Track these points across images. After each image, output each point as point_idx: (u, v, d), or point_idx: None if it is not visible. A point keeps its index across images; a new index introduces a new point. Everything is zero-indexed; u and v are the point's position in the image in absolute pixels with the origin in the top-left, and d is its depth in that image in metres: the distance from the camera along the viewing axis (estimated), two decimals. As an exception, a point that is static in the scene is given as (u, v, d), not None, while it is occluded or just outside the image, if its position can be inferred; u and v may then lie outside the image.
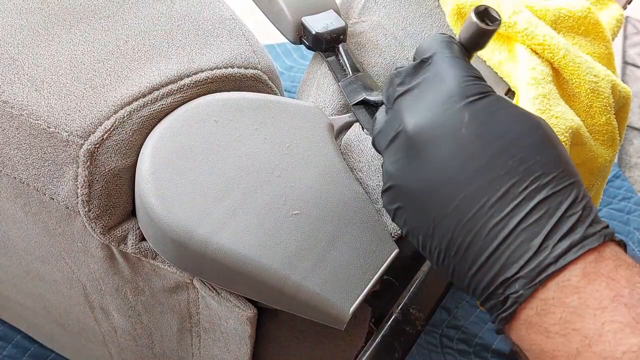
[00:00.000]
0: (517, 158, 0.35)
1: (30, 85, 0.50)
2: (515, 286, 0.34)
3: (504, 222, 0.34)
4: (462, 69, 0.38)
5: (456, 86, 0.37)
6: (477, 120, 0.36)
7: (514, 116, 0.37)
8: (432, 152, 0.36)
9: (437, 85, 0.38)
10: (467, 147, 0.36)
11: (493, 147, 0.35)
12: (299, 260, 0.45)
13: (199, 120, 0.49)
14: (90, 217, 0.49)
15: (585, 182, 0.62)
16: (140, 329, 0.62)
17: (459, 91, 0.37)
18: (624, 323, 0.31)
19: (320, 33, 0.59)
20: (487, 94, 0.37)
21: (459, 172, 0.35)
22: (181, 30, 0.55)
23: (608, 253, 0.34)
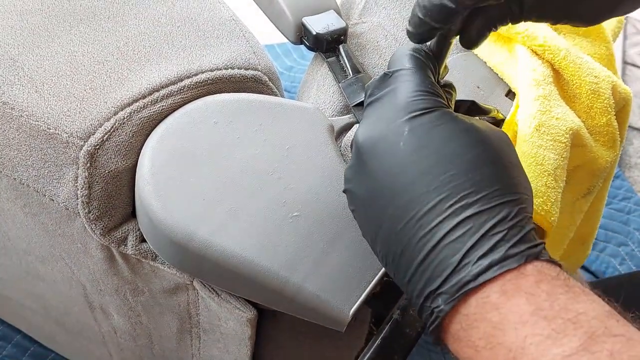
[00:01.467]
0: (449, 174, 0.36)
1: (30, 87, 0.49)
2: (438, 300, 0.35)
3: (429, 236, 0.35)
4: (415, 84, 0.39)
5: (403, 101, 0.39)
6: (415, 135, 0.37)
7: (455, 132, 0.37)
8: (374, 163, 0.38)
9: (390, 99, 0.39)
10: (403, 160, 0.37)
11: (426, 162, 0.37)
12: (299, 262, 0.45)
13: (199, 122, 0.49)
14: (90, 218, 0.49)
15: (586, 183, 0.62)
16: (140, 330, 0.62)
17: (404, 106, 0.38)
18: (544, 335, 0.32)
19: (320, 34, 0.59)
20: (432, 109, 0.38)
21: (394, 183, 0.37)
22: (181, 31, 0.55)
23: (530, 270, 0.35)
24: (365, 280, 0.46)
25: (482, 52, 0.62)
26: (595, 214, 0.72)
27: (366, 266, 0.47)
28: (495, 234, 0.35)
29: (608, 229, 1.14)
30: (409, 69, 0.40)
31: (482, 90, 0.60)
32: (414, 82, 0.39)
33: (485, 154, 0.37)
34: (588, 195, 0.63)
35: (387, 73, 0.41)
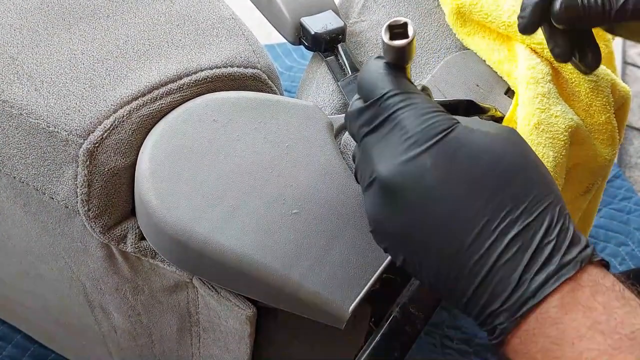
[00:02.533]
0: (485, 197, 0.36)
1: (29, 85, 0.50)
2: (500, 318, 0.36)
3: (483, 261, 0.35)
4: (417, 108, 0.38)
5: (415, 130, 0.37)
6: (440, 165, 0.36)
7: (476, 150, 0.37)
8: (402, 200, 0.37)
9: (397, 131, 0.38)
10: (435, 192, 0.36)
11: (459, 189, 0.36)
12: (299, 259, 0.45)
13: (198, 120, 0.49)
14: (89, 216, 0.49)
15: (585, 181, 0.62)
16: (140, 329, 0.62)
17: (419, 135, 0.37)
18: (601, 350, 0.33)
19: (319, 33, 0.59)
20: (447, 130, 0.37)
21: (432, 217, 0.36)
22: (181, 29, 0.55)
23: (585, 280, 0.35)
24: (365, 278, 0.46)
25: (481, 50, 0.62)
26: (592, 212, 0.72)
27: (366, 263, 0.47)
28: (547, 245, 0.35)
29: (608, 229, 1.13)
30: (400, 93, 0.39)
31: (481, 88, 0.60)
32: (414, 108, 0.38)
33: (512, 163, 0.37)
34: (587, 194, 0.63)
35: (374, 100, 0.39)
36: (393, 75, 0.39)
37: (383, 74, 0.39)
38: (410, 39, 0.38)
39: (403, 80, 0.39)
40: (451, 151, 0.36)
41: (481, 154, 0.36)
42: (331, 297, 0.45)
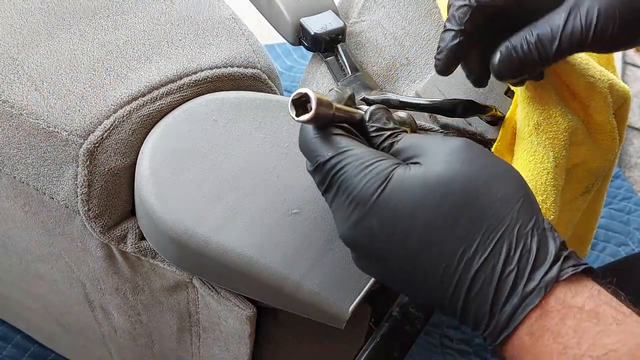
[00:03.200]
0: (437, 244, 0.36)
1: (29, 85, 0.50)
2: (488, 340, 0.37)
3: (455, 297, 0.37)
4: (351, 168, 0.38)
5: (354, 192, 0.38)
6: (385, 224, 0.37)
7: (417, 199, 0.37)
8: (365, 256, 0.39)
9: (341, 194, 0.38)
10: (387, 252, 0.38)
11: (410, 244, 0.37)
12: (298, 259, 0.45)
13: (198, 120, 0.49)
14: (89, 216, 0.49)
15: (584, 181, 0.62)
16: (140, 329, 0.62)
17: (358, 198, 0.37)
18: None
19: (319, 34, 0.59)
20: (383, 185, 0.37)
21: (394, 272, 0.38)
22: (181, 29, 0.55)
23: (552, 304, 0.35)
24: (365, 278, 0.46)
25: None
26: (594, 214, 0.72)
27: (365, 263, 0.47)
28: (509, 274, 0.35)
29: (608, 229, 1.13)
30: (333, 157, 0.39)
31: (482, 88, 0.60)
32: (348, 169, 0.38)
33: (454, 203, 0.36)
34: (586, 194, 0.63)
35: (314, 168, 0.40)
36: (322, 138, 0.39)
37: (313, 139, 0.40)
38: (314, 112, 0.38)
39: (334, 139, 0.39)
40: (392, 205, 0.37)
41: (421, 201, 0.37)
42: (331, 297, 0.45)
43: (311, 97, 0.38)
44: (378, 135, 0.41)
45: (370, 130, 0.41)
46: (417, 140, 0.40)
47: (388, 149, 0.40)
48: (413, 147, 0.39)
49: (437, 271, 0.36)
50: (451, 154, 0.38)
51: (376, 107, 0.42)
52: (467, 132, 0.56)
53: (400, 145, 0.40)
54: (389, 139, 0.41)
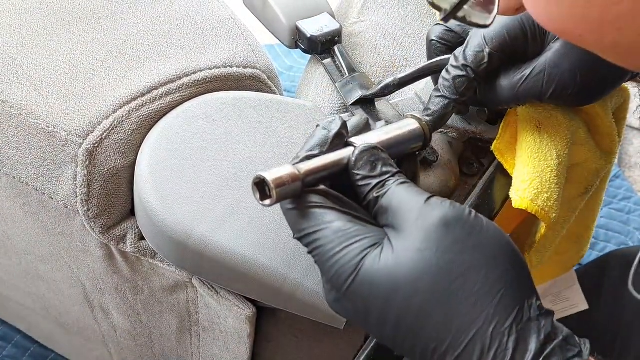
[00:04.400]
0: (409, 338, 0.36)
1: (29, 85, 0.50)
2: None
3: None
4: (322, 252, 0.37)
5: (328, 276, 0.37)
6: (359, 311, 0.37)
7: (387, 293, 0.36)
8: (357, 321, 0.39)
9: (320, 269, 0.38)
10: (365, 327, 0.38)
11: (384, 332, 0.37)
12: (298, 258, 0.45)
13: (197, 120, 0.49)
14: (89, 216, 0.49)
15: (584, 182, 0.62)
16: (140, 329, 0.62)
17: (332, 282, 0.37)
18: None
19: (315, 36, 0.60)
20: (354, 274, 0.36)
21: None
22: (180, 30, 0.55)
23: None
24: (364, 278, 0.46)
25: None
26: (591, 214, 0.72)
27: (365, 263, 0.47)
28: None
29: (608, 229, 1.13)
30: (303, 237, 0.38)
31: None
32: (320, 252, 0.37)
33: (425, 299, 0.35)
34: (585, 194, 0.63)
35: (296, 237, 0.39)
36: (296, 211, 0.38)
37: (287, 211, 0.39)
38: (274, 199, 0.37)
39: (307, 213, 0.38)
40: (364, 296, 0.36)
41: (390, 297, 0.36)
42: (330, 296, 0.45)
43: (268, 182, 0.36)
44: (365, 185, 0.39)
45: (356, 179, 0.39)
46: (397, 203, 0.38)
47: (374, 203, 0.39)
48: (393, 212, 0.38)
49: (415, 354, 0.36)
50: (425, 238, 0.36)
51: (361, 150, 0.40)
52: (466, 131, 0.56)
53: (384, 202, 0.38)
54: (374, 191, 0.39)
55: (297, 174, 0.37)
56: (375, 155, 0.40)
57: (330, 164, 0.39)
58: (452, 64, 0.48)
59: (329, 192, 0.39)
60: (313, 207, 0.38)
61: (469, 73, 0.47)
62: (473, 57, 0.47)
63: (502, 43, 0.47)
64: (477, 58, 0.47)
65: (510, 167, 0.53)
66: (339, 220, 0.37)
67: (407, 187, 0.38)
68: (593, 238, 1.10)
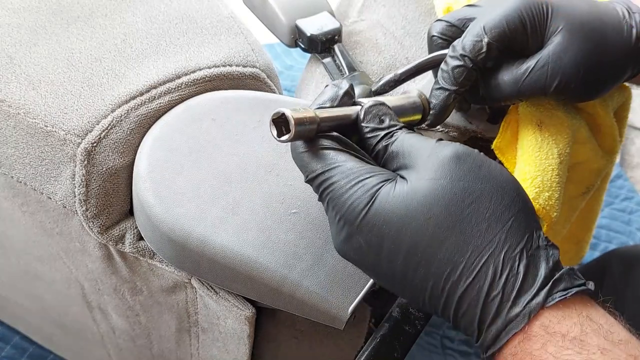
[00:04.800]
0: (423, 265, 0.36)
1: (27, 84, 0.49)
2: (480, 349, 0.38)
3: (445, 312, 0.37)
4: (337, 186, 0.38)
5: (341, 211, 0.38)
6: (372, 244, 0.37)
7: (402, 220, 0.36)
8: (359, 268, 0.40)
9: (330, 210, 0.39)
10: (377, 269, 0.38)
11: (397, 264, 0.37)
12: (298, 259, 0.45)
13: (196, 119, 0.49)
14: (87, 216, 0.49)
15: (585, 181, 0.62)
16: (139, 329, 0.62)
17: (345, 217, 0.38)
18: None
19: (315, 35, 0.59)
20: (369, 204, 0.37)
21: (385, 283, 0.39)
22: (179, 28, 0.55)
23: (536, 330, 0.35)
24: (365, 278, 0.46)
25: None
26: (591, 215, 0.72)
27: (365, 263, 0.47)
28: (494, 299, 0.35)
29: (610, 229, 1.13)
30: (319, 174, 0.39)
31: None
32: (334, 187, 0.38)
33: (439, 224, 0.36)
34: (585, 194, 0.63)
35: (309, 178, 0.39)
36: (310, 153, 0.39)
37: (301, 154, 0.40)
38: (293, 133, 0.37)
39: (321, 154, 0.39)
40: (378, 226, 0.37)
41: (405, 223, 0.36)
42: (330, 297, 0.45)
43: (289, 118, 0.37)
44: (373, 137, 0.40)
45: (365, 131, 0.40)
46: (409, 146, 0.39)
47: (383, 152, 0.40)
48: (404, 154, 0.39)
49: (425, 290, 0.37)
50: (439, 168, 0.37)
51: (370, 104, 0.41)
52: (467, 130, 0.56)
53: (394, 148, 0.39)
54: (384, 140, 0.40)
55: (315, 117, 0.38)
56: (383, 110, 0.41)
57: (341, 116, 0.41)
58: (450, 54, 0.48)
59: (341, 138, 0.40)
60: (326, 149, 0.39)
61: (466, 62, 0.47)
62: (471, 47, 0.47)
63: (501, 34, 0.47)
64: (475, 47, 0.47)
65: (511, 165, 0.52)
66: (352, 160, 0.38)
67: (415, 135, 0.40)
68: (594, 238, 1.10)
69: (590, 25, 0.48)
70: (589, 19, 0.48)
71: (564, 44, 0.47)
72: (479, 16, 0.49)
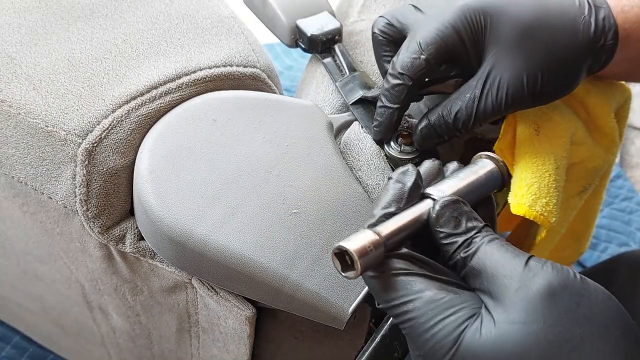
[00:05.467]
0: None
1: (28, 84, 0.49)
2: None
3: None
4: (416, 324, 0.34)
5: (422, 350, 0.34)
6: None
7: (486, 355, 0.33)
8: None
9: (412, 344, 0.35)
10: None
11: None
12: (298, 259, 0.45)
13: (197, 119, 0.49)
14: (88, 216, 0.49)
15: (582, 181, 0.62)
16: (139, 330, 0.62)
17: (428, 358, 0.34)
18: None
19: (315, 35, 0.59)
20: (453, 350, 0.33)
21: None
22: (180, 28, 0.55)
23: None
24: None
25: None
26: (591, 212, 0.72)
27: (365, 264, 0.47)
28: None
29: (610, 229, 1.13)
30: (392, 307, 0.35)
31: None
32: (413, 325, 0.34)
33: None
34: (583, 193, 0.63)
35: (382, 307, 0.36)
36: (380, 280, 0.36)
37: (370, 280, 0.36)
38: (359, 271, 0.34)
39: (392, 282, 0.35)
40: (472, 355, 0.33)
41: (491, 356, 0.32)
42: (331, 297, 0.45)
43: (350, 253, 0.34)
44: (450, 244, 0.36)
45: (440, 236, 0.36)
46: (492, 267, 0.35)
47: (462, 264, 0.36)
48: (487, 276, 0.35)
49: None
50: (529, 309, 0.33)
51: (442, 205, 0.37)
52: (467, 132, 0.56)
53: (474, 264, 0.35)
54: (462, 251, 0.36)
55: (379, 240, 0.35)
56: (459, 209, 0.37)
57: (411, 222, 0.37)
58: (390, 71, 0.48)
59: (414, 256, 0.36)
60: (399, 275, 0.35)
61: (406, 81, 0.47)
62: (409, 65, 0.47)
63: (438, 49, 0.47)
64: (414, 65, 0.47)
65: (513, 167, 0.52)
66: (429, 289, 0.35)
67: (498, 245, 0.35)
68: (594, 238, 1.10)
69: (534, 33, 0.46)
70: (533, 27, 0.46)
71: (502, 62, 0.46)
72: (417, 29, 0.48)
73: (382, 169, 0.51)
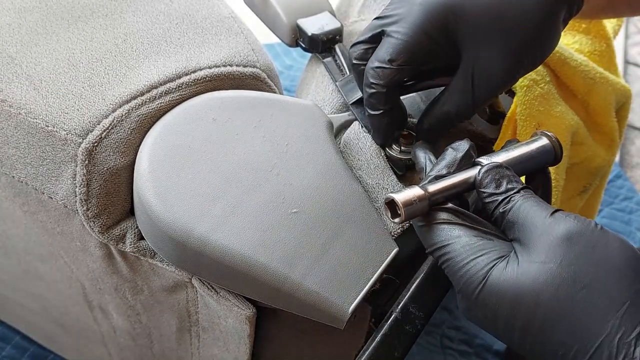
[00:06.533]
0: (537, 349, 0.37)
1: (28, 84, 0.49)
2: None
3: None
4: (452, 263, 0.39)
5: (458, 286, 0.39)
6: (487, 318, 0.38)
7: (510, 304, 0.37)
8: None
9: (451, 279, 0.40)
10: (498, 335, 0.39)
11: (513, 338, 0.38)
12: (298, 258, 0.45)
13: (197, 119, 0.49)
14: (88, 215, 0.49)
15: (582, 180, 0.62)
16: (140, 329, 0.62)
17: (462, 292, 0.39)
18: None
19: (316, 34, 0.59)
20: (482, 284, 0.38)
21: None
22: (180, 28, 0.55)
23: None
24: (365, 277, 0.46)
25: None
26: (591, 212, 0.72)
27: (365, 263, 0.47)
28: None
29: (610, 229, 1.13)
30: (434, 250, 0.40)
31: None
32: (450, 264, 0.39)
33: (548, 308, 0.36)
34: (583, 193, 0.63)
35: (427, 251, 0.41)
36: (425, 228, 0.41)
37: (418, 228, 0.42)
38: (403, 217, 0.40)
39: (435, 230, 0.40)
40: (491, 305, 0.38)
41: (516, 307, 0.37)
42: (331, 297, 0.45)
43: (396, 201, 0.40)
44: (491, 202, 0.41)
45: (483, 196, 0.41)
46: (523, 218, 0.39)
47: (500, 219, 0.40)
48: (519, 226, 0.39)
49: (545, 357, 0.37)
50: (549, 250, 0.37)
51: (486, 169, 0.42)
52: (468, 132, 0.56)
53: (510, 217, 0.40)
54: (501, 207, 0.40)
55: (424, 194, 0.41)
56: (500, 172, 0.42)
57: (458, 183, 0.42)
58: (364, 82, 0.49)
59: (457, 209, 0.41)
60: (441, 223, 0.40)
61: (380, 89, 0.48)
62: (381, 74, 0.48)
63: (410, 56, 0.47)
64: (385, 74, 0.48)
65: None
66: (466, 235, 0.40)
67: (532, 202, 0.40)
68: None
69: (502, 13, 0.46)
70: (500, 7, 0.46)
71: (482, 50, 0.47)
72: (386, 36, 0.48)
73: (382, 169, 0.51)
